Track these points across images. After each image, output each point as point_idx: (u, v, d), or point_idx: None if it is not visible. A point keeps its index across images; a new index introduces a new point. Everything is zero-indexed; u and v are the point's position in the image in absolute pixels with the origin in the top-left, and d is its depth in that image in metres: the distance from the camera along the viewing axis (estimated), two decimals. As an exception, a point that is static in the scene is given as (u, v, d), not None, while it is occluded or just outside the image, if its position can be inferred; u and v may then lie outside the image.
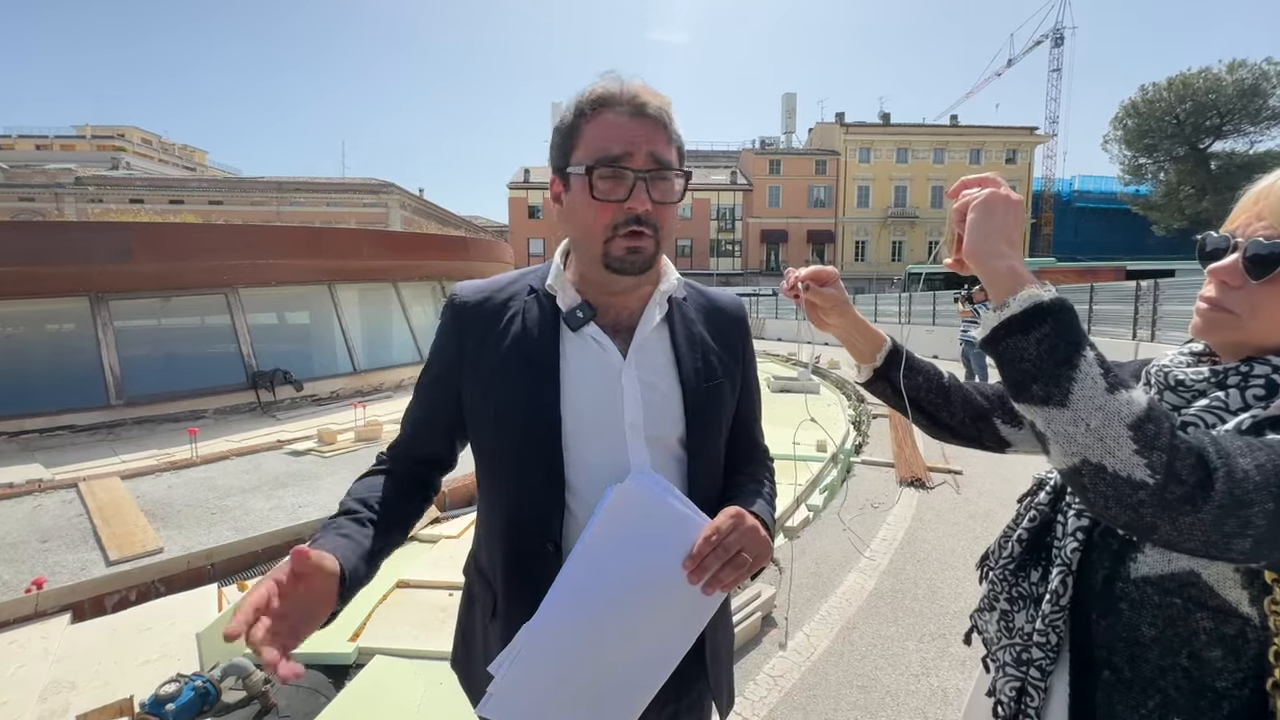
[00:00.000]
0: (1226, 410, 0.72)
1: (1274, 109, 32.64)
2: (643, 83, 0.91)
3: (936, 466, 5.68)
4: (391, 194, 39.56)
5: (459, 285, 1.03)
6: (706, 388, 0.99)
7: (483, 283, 1.03)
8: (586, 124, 0.90)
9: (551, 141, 0.95)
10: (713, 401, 1.00)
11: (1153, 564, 0.72)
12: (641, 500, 0.85)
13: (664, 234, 0.92)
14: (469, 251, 13.48)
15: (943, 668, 2.77)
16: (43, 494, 5.09)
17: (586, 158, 0.88)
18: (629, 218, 0.88)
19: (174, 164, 61.13)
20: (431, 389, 1.03)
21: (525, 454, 0.93)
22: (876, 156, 46.88)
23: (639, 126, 0.88)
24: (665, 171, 0.90)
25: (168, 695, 2.32)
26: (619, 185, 0.88)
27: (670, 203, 0.92)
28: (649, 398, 0.95)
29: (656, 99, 0.90)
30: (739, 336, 1.08)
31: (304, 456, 6.14)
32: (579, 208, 0.91)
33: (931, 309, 18.58)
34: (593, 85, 0.91)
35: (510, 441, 0.94)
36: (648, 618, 0.86)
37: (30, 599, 3.22)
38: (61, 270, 7.73)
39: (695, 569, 0.85)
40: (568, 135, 0.92)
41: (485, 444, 0.99)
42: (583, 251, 0.95)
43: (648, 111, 0.89)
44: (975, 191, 0.75)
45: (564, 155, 0.92)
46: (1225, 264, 0.74)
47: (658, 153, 0.89)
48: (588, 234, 0.91)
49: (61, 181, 34.55)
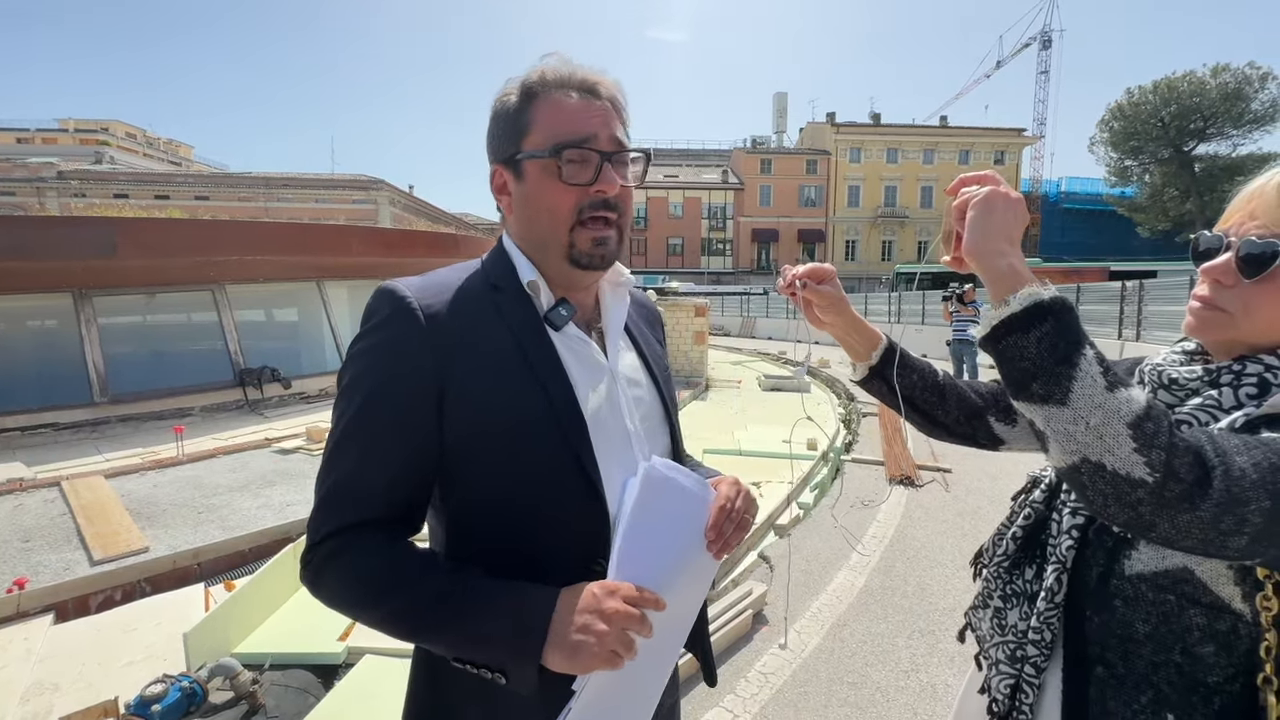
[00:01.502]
0: (1219, 408, 0.72)
1: (1256, 112, 33.18)
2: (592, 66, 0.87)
3: (926, 465, 5.72)
4: (381, 190, 39.23)
5: (402, 283, 0.82)
6: (666, 379, 1.03)
7: (428, 281, 0.85)
8: (538, 106, 0.84)
9: (491, 129, 0.88)
10: (672, 392, 1.05)
11: (1147, 561, 0.73)
12: (661, 483, 0.84)
13: (626, 221, 0.90)
14: (459, 248, 13.42)
15: (932, 664, 2.79)
16: (24, 493, 5.01)
17: (546, 141, 0.83)
18: (596, 201, 0.84)
19: (159, 159, 60.36)
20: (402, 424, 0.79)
21: (558, 473, 0.81)
22: (867, 156, 47.15)
23: (595, 108, 0.84)
24: (627, 154, 0.87)
25: (153, 696, 2.30)
26: (585, 168, 0.83)
27: (633, 186, 0.89)
28: (634, 394, 0.94)
29: (607, 81, 0.87)
30: (661, 330, 1.14)
31: (292, 455, 6.09)
32: (539, 196, 0.85)
33: (921, 308, 18.73)
34: (534, 67, 0.86)
35: (536, 464, 0.81)
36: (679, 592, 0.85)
37: (12, 599, 3.17)
38: (44, 266, 7.62)
39: (717, 539, 0.87)
40: (514, 119, 0.85)
41: (493, 474, 0.81)
42: (541, 245, 0.88)
43: (601, 93, 0.85)
44: (975, 189, 0.75)
45: (512, 141, 0.85)
46: (1218, 263, 0.75)
47: (617, 134, 0.86)
48: (551, 223, 0.85)
49: (44, 175, 34.00)
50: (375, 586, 0.76)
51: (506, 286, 0.88)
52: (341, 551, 0.78)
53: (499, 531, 0.83)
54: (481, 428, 0.80)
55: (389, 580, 0.76)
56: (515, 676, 0.72)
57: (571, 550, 0.82)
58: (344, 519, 0.79)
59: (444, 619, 0.74)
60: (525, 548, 0.82)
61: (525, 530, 0.82)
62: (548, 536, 0.82)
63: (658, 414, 0.98)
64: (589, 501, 0.82)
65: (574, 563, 0.81)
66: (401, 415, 0.79)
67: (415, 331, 0.79)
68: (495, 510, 0.82)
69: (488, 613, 0.73)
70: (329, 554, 0.78)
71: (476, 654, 0.74)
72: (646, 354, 1.01)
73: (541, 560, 0.81)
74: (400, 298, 0.80)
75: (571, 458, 0.82)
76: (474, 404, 0.80)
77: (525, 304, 0.87)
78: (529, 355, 0.83)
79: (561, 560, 0.81)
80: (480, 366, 0.81)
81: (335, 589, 0.78)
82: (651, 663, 0.87)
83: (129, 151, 55.62)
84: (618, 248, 0.89)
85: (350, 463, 0.79)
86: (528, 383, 0.82)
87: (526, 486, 0.81)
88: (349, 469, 0.79)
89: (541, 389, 0.82)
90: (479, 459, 0.81)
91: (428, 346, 0.79)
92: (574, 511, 0.82)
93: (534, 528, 0.82)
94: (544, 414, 0.82)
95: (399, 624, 0.77)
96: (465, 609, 0.73)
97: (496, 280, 0.88)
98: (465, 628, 0.73)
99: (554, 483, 0.81)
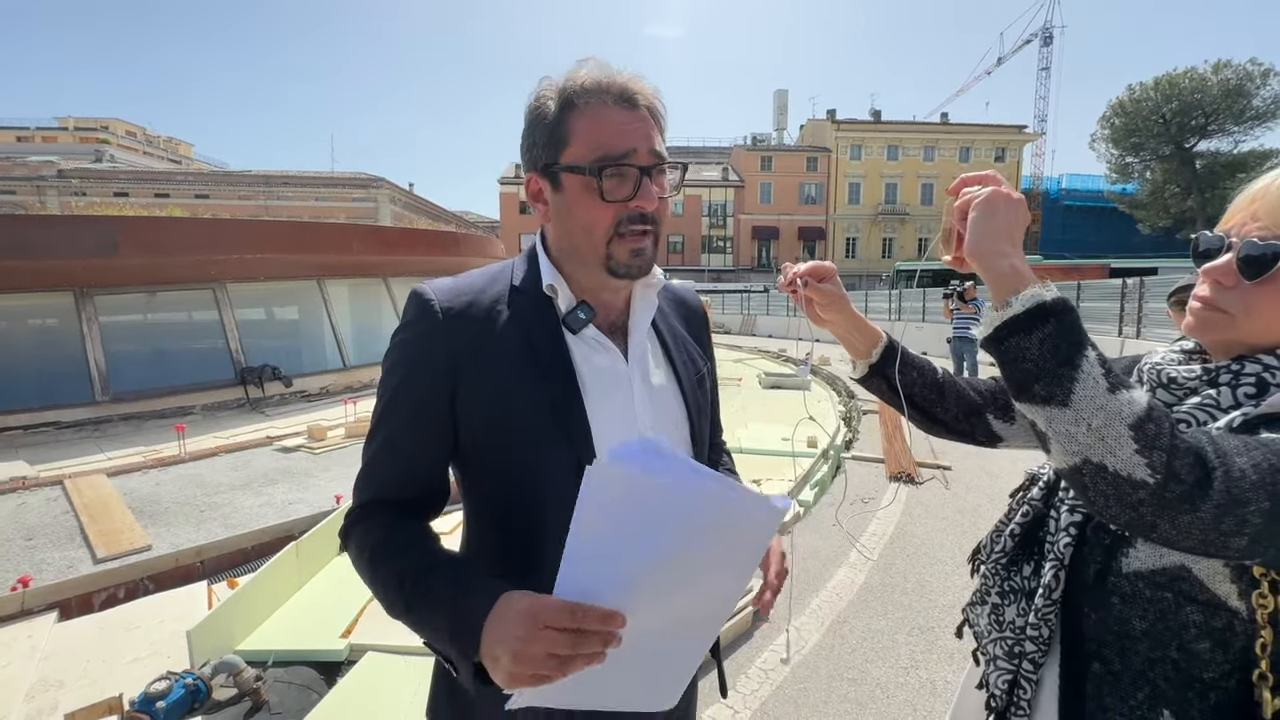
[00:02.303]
0: (1218, 408, 0.73)
1: (1257, 109, 33.10)
2: (631, 71, 0.87)
3: (926, 462, 5.73)
4: (381, 189, 39.25)
5: (431, 286, 0.88)
6: (696, 381, 1.01)
7: (457, 283, 0.90)
8: (576, 117, 0.83)
9: (527, 136, 0.88)
10: (702, 395, 1.02)
11: (1144, 559, 0.73)
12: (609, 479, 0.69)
13: (662, 229, 0.91)
14: (460, 247, 13.42)
15: (932, 660, 2.80)
16: (27, 491, 5.03)
17: (586, 155, 0.83)
18: (635, 215, 0.85)
19: (159, 157, 60.33)
20: (419, 414, 0.86)
21: (560, 474, 0.83)
22: (867, 153, 47.05)
23: (635, 119, 0.84)
24: (665, 165, 0.88)
25: (158, 693, 2.31)
26: (624, 184, 0.84)
27: (669, 197, 0.90)
28: (654, 398, 0.94)
29: (646, 89, 0.86)
30: (704, 329, 1.12)
31: (294, 453, 6.10)
32: (577, 209, 0.86)
33: (922, 305, 18.70)
34: (572, 73, 0.85)
35: (540, 463, 0.84)
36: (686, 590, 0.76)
37: (16, 597, 3.18)
38: (45, 265, 7.62)
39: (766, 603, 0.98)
40: (552, 129, 0.85)
41: (502, 470, 0.86)
42: (578, 254, 0.89)
43: (640, 102, 0.85)
44: (977, 189, 0.75)
45: (550, 152, 0.86)
46: (1219, 264, 0.75)
47: (656, 146, 0.86)
48: (589, 236, 0.86)
49: (44, 174, 33.99)
50: (370, 559, 0.83)
51: (528, 289, 0.91)
52: (357, 523, 0.87)
53: (508, 526, 0.88)
54: (490, 424, 0.85)
55: (378, 555, 0.82)
56: (461, 673, 0.72)
57: None
58: (365, 496, 0.89)
59: (406, 602, 0.77)
60: (534, 542, 0.85)
61: (531, 527, 0.86)
62: (552, 535, 0.81)
63: (678, 414, 0.97)
64: None
65: None
66: (419, 408, 0.86)
67: (435, 330, 0.85)
68: (504, 505, 0.88)
69: (436, 605, 0.74)
70: (350, 523, 0.88)
71: (434, 643, 0.77)
72: (673, 355, 1.00)
73: (549, 556, 0.79)
74: (425, 300, 0.86)
75: (572, 458, 0.83)
76: (483, 400, 0.84)
77: (545, 307, 0.90)
78: (540, 357, 0.86)
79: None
80: (492, 366, 0.85)
81: (351, 556, 0.87)
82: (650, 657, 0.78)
83: (129, 150, 55.60)
84: (654, 255, 0.90)
85: (376, 446, 0.89)
86: (536, 383, 0.85)
87: (530, 484, 0.85)
88: (374, 452, 0.89)
89: (548, 390, 0.85)
90: (489, 454, 0.86)
91: (444, 345, 0.85)
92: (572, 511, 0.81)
93: (539, 525, 0.85)
94: (548, 415, 0.84)
95: (382, 598, 0.81)
96: (415, 599, 0.76)
97: (519, 283, 0.92)
98: (420, 616, 0.76)
99: (554, 481, 0.83)
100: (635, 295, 0.97)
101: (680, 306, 1.08)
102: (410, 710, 2.36)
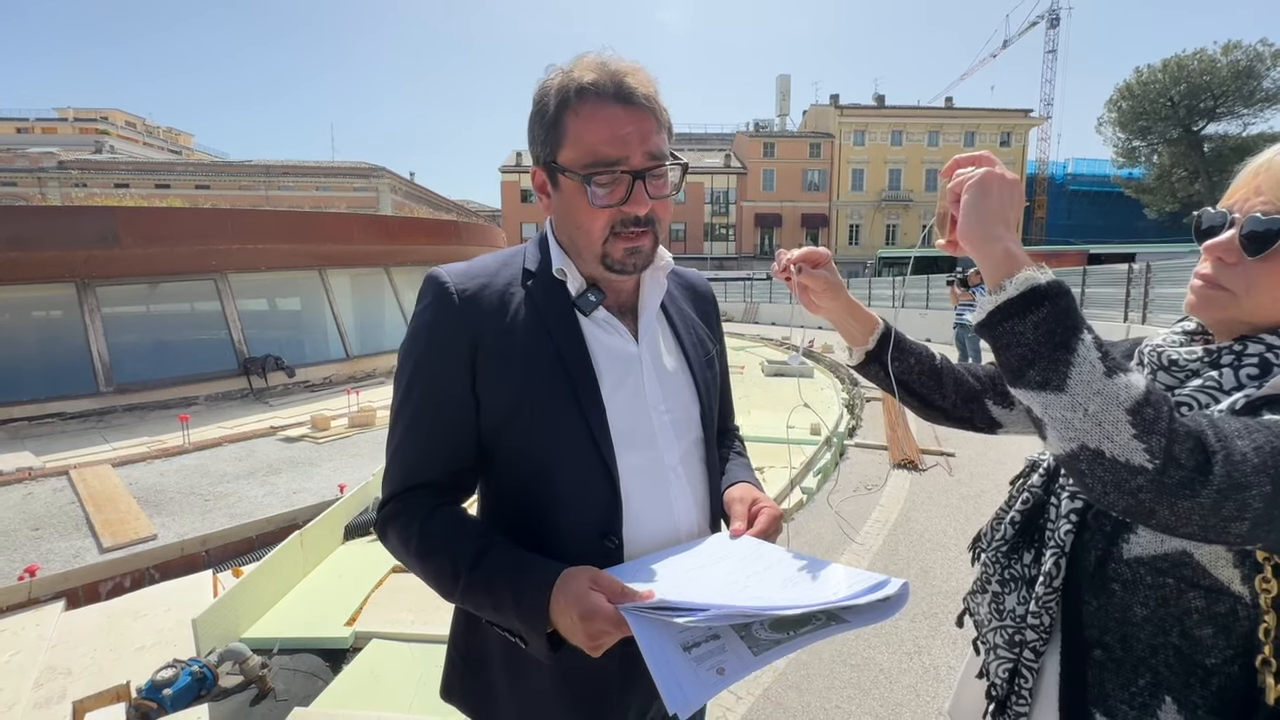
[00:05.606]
0: (1220, 390, 0.71)
1: (1268, 91, 32.60)
2: (632, 61, 0.85)
3: (929, 449, 5.72)
4: (382, 178, 39.16)
5: (445, 270, 0.90)
6: (705, 363, 1.02)
7: (470, 267, 0.92)
8: (572, 117, 0.83)
9: (531, 130, 0.89)
10: (712, 377, 1.03)
11: (1145, 545, 0.72)
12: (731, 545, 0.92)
13: (662, 226, 0.90)
14: (461, 236, 13.38)
15: (935, 646, 2.81)
16: (33, 482, 5.07)
17: (578, 158, 0.83)
18: (628, 219, 0.85)
19: (159, 147, 60.21)
20: (440, 395, 0.88)
21: (576, 452, 0.86)
22: (871, 139, 46.60)
23: (630, 120, 0.82)
24: (661, 167, 0.86)
25: (164, 680, 2.33)
26: (616, 190, 0.83)
27: (668, 196, 0.89)
28: (663, 378, 0.95)
29: (644, 84, 0.84)
30: (714, 312, 1.13)
31: (298, 443, 6.13)
32: (572, 210, 0.86)
33: (925, 292, 18.60)
34: (573, 66, 0.84)
35: (557, 441, 0.86)
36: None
37: (23, 586, 3.21)
38: (47, 256, 7.64)
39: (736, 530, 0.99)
40: (551, 128, 0.85)
41: (520, 448, 0.88)
42: (577, 248, 0.90)
43: (636, 100, 0.83)
44: (970, 171, 0.73)
45: (549, 149, 0.86)
46: (1222, 240, 0.73)
47: (652, 148, 0.84)
48: (584, 236, 0.87)
49: (45, 165, 33.97)
50: (416, 548, 0.85)
51: (540, 273, 0.92)
52: (395, 515, 0.88)
53: (523, 500, 0.90)
54: (508, 401, 0.87)
55: (424, 544, 0.84)
56: (532, 644, 0.77)
57: (595, 526, 0.88)
58: (397, 485, 0.90)
59: (464, 586, 0.80)
60: (550, 516, 0.88)
61: (545, 501, 0.88)
62: (566, 509, 0.88)
63: (688, 395, 0.98)
64: (602, 479, 0.87)
65: (594, 539, 0.87)
66: (440, 389, 0.87)
67: (451, 313, 0.87)
68: (519, 480, 0.90)
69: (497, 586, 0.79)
70: (387, 516, 0.89)
71: (499, 621, 0.81)
72: (682, 337, 1.01)
73: (561, 530, 0.88)
74: (440, 283, 0.88)
75: (587, 437, 0.86)
76: (501, 379, 0.86)
77: (557, 290, 0.91)
78: (555, 338, 0.88)
79: (585, 533, 0.87)
80: (507, 346, 0.87)
81: (392, 547, 0.89)
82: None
83: (129, 140, 55.49)
84: (653, 251, 0.90)
85: (400, 433, 0.90)
86: (551, 364, 0.87)
87: (546, 460, 0.87)
88: (399, 439, 0.90)
89: (564, 370, 0.87)
90: (506, 431, 0.88)
91: (461, 327, 0.86)
92: (588, 487, 0.87)
93: (553, 500, 0.88)
94: (564, 394, 0.86)
95: (435, 585, 0.84)
96: (474, 583, 0.80)
97: (531, 267, 0.93)
98: (479, 599, 0.81)
99: (570, 459, 0.87)
100: (644, 278, 0.97)
101: (689, 290, 1.10)
102: (415, 696, 2.38)
